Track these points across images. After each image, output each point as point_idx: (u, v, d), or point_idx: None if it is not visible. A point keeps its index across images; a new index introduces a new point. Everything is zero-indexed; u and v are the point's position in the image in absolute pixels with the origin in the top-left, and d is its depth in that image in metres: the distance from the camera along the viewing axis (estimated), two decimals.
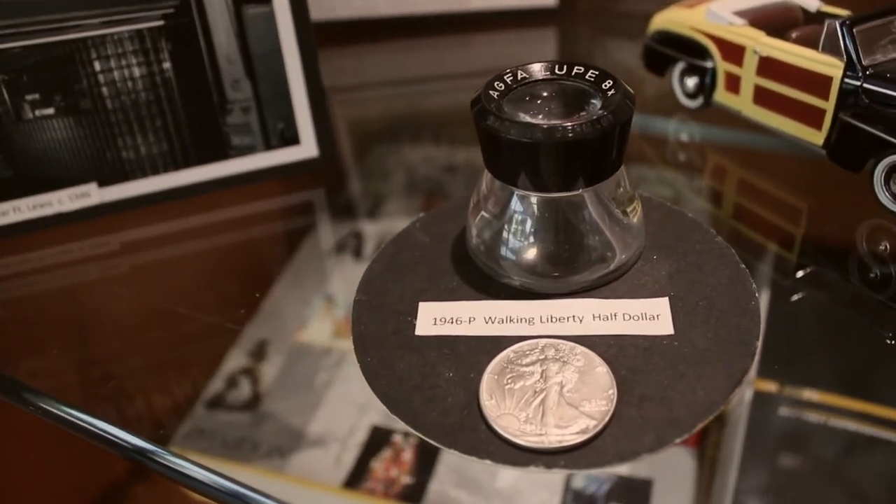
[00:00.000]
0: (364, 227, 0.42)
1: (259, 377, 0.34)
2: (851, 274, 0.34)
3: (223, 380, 0.34)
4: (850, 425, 0.28)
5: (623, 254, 0.29)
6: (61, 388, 0.34)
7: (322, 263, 0.41)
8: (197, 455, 0.32)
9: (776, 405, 0.28)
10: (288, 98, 0.38)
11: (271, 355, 0.35)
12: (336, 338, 0.36)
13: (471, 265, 0.30)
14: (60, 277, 0.38)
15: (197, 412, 0.33)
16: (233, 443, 0.32)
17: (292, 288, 0.39)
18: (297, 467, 0.31)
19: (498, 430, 0.24)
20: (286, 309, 0.38)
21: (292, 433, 0.32)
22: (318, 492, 0.31)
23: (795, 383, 0.29)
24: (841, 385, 0.29)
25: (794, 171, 0.40)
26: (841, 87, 0.34)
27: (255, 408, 0.33)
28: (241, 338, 0.36)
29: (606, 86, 0.27)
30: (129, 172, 0.37)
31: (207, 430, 0.33)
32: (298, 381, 0.34)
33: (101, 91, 0.36)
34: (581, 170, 0.26)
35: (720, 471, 0.27)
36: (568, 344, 0.27)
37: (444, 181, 0.46)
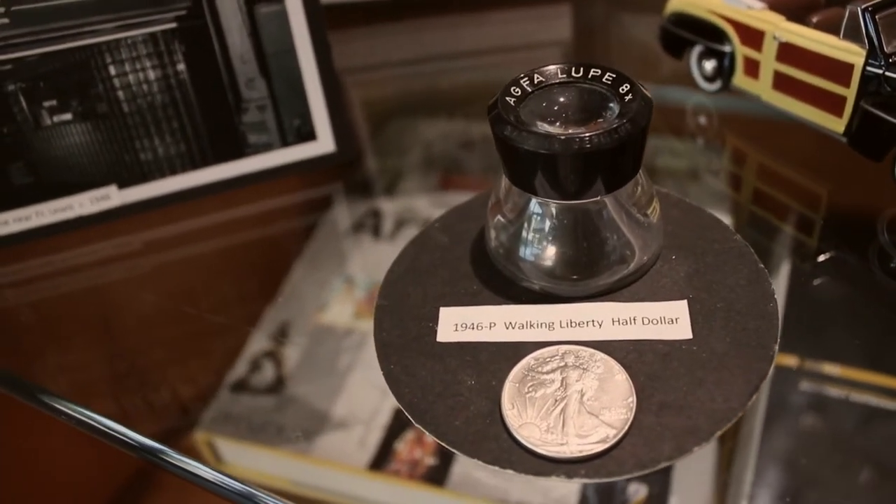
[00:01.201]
0: (382, 206, 0.43)
1: (282, 360, 0.35)
2: (871, 261, 0.34)
3: (247, 363, 0.35)
4: (869, 401, 0.28)
5: (642, 255, 0.29)
6: (88, 383, 0.35)
7: (341, 244, 0.41)
8: (224, 439, 0.33)
9: (795, 383, 0.29)
10: (303, 95, 0.38)
11: (293, 338, 0.36)
12: (357, 319, 0.36)
13: (490, 268, 0.31)
14: (85, 278, 0.39)
15: (222, 397, 0.34)
16: (259, 426, 0.33)
17: (312, 269, 0.39)
18: (323, 450, 0.32)
19: (520, 439, 0.25)
20: (307, 291, 0.38)
21: (317, 416, 0.33)
22: (345, 474, 0.31)
23: (813, 362, 0.30)
24: (858, 361, 0.30)
25: (815, 154, 0.40)
26: (863, 74, 0.33)
27: (279, 391, 0.34)
28: (264, 320, 0.37)
29: (624, 90, 0.27)
30: (147, 174, 0.38)
31: (233, 415, 0.33)
32: (321, 363, 0.35)
33: (117, 95, 0.36)
34: (599, 178, 0.26)
35: (740, 445, 0.28)
36: (588, 350, 0.27)
37: (460, 158, 0.46)
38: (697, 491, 0.28)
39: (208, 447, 0.33)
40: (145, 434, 0.33)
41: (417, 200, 0.43)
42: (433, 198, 0.43)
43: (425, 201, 0.43)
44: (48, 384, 0.35)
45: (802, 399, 0.29)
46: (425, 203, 0.42)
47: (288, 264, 0.39)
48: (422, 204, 0.42)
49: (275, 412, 0.33)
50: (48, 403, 0.32)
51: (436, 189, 0.44)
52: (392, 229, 0.41)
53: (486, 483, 0.28)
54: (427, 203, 0.42)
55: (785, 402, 0.29)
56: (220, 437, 0.33)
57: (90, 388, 0.35)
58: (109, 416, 0.34)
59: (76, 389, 0.35)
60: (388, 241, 0.40)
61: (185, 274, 0.40)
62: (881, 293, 0.33)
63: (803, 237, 0.36)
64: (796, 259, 0.35)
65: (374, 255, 0.40)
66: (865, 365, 0.30)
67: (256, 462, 0.32)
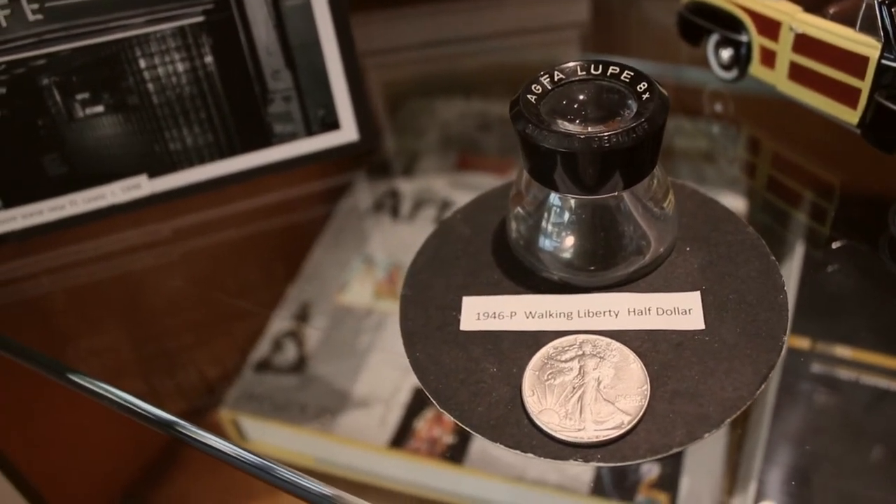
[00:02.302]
0: (401, 186, 0.43)
1: (304, 340, 0.36)
2: (881, 251, 0.35)
3: (269, 343, 0.36)
4: (878, 384, 0.29)
5: (658, 247, 0.30)
6: (120, 364, 0.37)
7: (360, 224, 0.42)
8: (248, 417, 0.34)
9: (805, 367, 0.30)
10: (327, 85, 0.39)
11: (315, 318, 0.37)
12: (377, 299, 0.37)
13: (511, 258, 0.32)
14: (117, 264, 0.40)
15: (246, 376, 0.35)
16: (282, 405, 0.34)
17: (332, 249, 0.40)
18: (344, 428, 0.33)
19: (540, 424, 0.26)
20: (327, 271, 0.39)
21: (338, 395, 0.34)
22: (366, 452, 0.33)
23: (823, 346, 0.31)
24: (866, 346, 0.31)
25: (830, 143, 0.40)
26: (878, 67, 0.34)
27: (301, 370, 0.35)
28: (286, 301, 0.38)
29: (641, 88, 0.28)
30: (176, 163, 0.39)
31: (257, 394, 0.35)
32: (342, 343, 0.36)
33: (147, 87, 0.37)
34: (617, 175, 0.27)
35: (751, 427, 0.29)
36: (604, 339, 0.28)
37: (478, 139, 0.46)
38: (709, 470, 0.29)
39: (233, 425, 0.34)
40: (173, 412, 0.35)
41: (436, 181, 0.43)
42: (451, 178, 0.44)
43: (443, 182, 0.43)
44: (81, 365, 0.37)
45: (812, 382, 0.30)
46: (443, 183, 0.43)
47: (310, 247, 0.40)
48: (440, 184, 0.43)
49: (297, 391, 0.34)
50: (78, 383, 0.33)
51: (454, 170, 0.44)
52: (411, 210, 0.42)
53: (504, 461, 0.30)
54: (445, 183, 0.43)
55: (795, 384, 0.30)
56: (245, 416, 0.34)
57: (122, 368, 0.36)
58: (139, 394, 0.36)
59: (108, 370, 0.36)
60: (406, 222, 0.41)
61: (212, 260, 0.41)
62: (890, 282, 0.34)
63: (815, 225, 0.37)
64: (807, 246, 0.35)
65: (394, 235, 0.41)
66: (872, 350, 0.31)
67: (280, 439, 0.34)
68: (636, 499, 0.30)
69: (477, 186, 0.42)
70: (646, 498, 0.30)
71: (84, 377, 0.33)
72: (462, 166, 0.45)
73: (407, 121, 0.49)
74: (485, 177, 0.44)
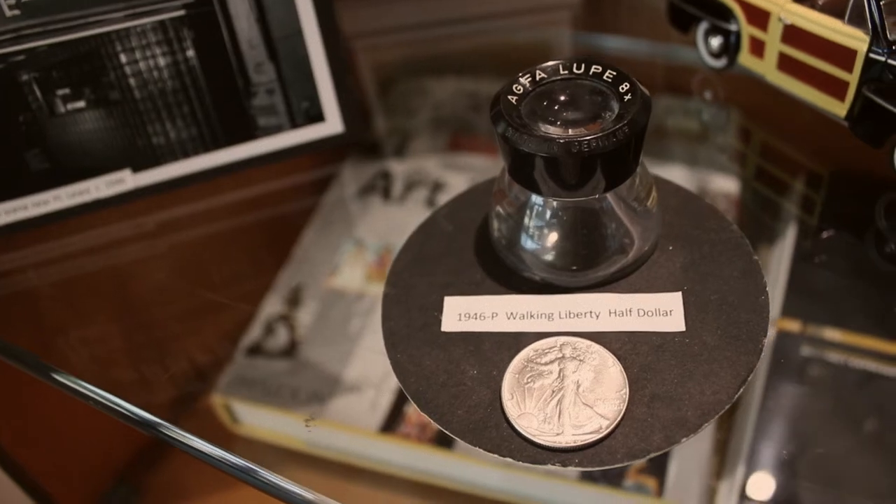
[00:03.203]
0: (392, 167, 0.43)
1: (295, 324, 0.36)
2: (868, 245, 0.35)
3: (261, 327, 0.36)
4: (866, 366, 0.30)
5: (640, 246, 0.30)
6: (109, 354, 0.37)
7: (351, 206, 0.42)
8: (240, 402, 0.34)
9: (794, 350, 0.30)
10: (311, 78, 0.39)
11: (306, 301, 0.37)
12: (368, 282, 0.38)
13: (494, 257, 0.32)
14: (105, 257, 0.40)
15: (238, 361, 0.35)
16: (273, 390, 0.34)
17: (323, 233, 0.40)
18: (335, 413, 0.33)
19: (518, 429, 0.26)
20: (318, 254, 0.39)
21: (329, 379, 0.34)
22: (357, 436, 0.33)
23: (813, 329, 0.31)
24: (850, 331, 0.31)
25: (818, 133, 0.40)
26: (865, 60, 0.33)
27: (292, 355, 0.35)
28: (277, 284, 0.38)
29: (623, 89, 0.28)
30: (160, 157, 0.39)
31: (249, 379, 0.35)
32: (333, 327, 0.36)
33: (129, 82, 0.36)
34: (599, 178, 0.27)
35: (740, 410, 0.29)
36: (584, 342, 0.28)
37: (469, 120, 0.46)
38: (697, 454, 0.30)
39: (226, 410, 0.35)
40: (166, 399, 0.35)
41: (427, 162, 0.43)
42: (443, 159, 0.43)
43: (435, 163, 0.43)
44: (71, 355, 0.37)
45: (800, 365, 0.30)
46: (435, 165, 0.43)
47: (299, 236, 0.40)
48: (432, 165, 0.43)
49: (288, 376, 0.34)
50: (61, 381, 0.33)
51: (446, 151, 0.44)
52: (402, 191, 0.42)
53: None
54: (437, 165, 0.43)
55: (784, 370, 0.30)
56: (237, 400, 0.34)
57: (112, 358, 0.37)
58: (130, 383, 0.36)
59: (98, 360, 0.37)
60: (397, 204, 0.41)
61: (200, 252, 0.41)
62: (876, 275, 0.34)
63: (803, 215, 0.37)
64: (792, 238, 0.35)
65: (384, 217, 0.41)
66: (858, 333, 0.31)
67: (272, 423, 0.34)
68: (624, 484, 0.31)
69: (469, 167, 0.43)
70: (634, 483, 0.30)
71: (67, 377, 0.33)
72: (454, 147, 0.44)
73: (398, 102, 0.48)
74: (477, 158, 0.43)
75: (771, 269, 0.34)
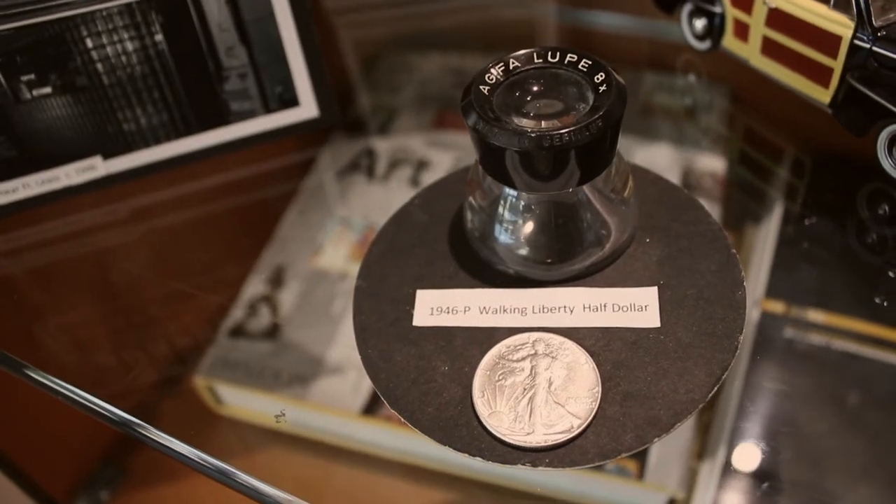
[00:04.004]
0: (376, 145, 0.42)
1: (278, 305, 0.36)
2: (849, 234, 0.34)
3: (244, 308, 0.36)
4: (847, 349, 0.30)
5: (616, 238, 0.30)
6: (89, 340, 0.36)
7: (335, 185, 0.41)
8: (223, 384, 0.34)
9: (777, 331, 0.30)
10: (284, 61, 0.38)
11: (289, 282, 0.37)
12: (351, 262, 0.37)
13: (467, 249, 0.31)
14: (80, 244, 0.40)
15: (220, 342, 0.35)
16: (256, 371, 0.34)
17: (306, 212, 0.40)
18: (318, 395, 0.33)
19: (489, 427, 0.26)
20: (301, 234, 0.38)
21: (312, 361, 0.34)
22: (339, 418, 0.33)
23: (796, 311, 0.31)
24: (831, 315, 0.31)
25: (801, 117, 0.40)
26: (850, 47, 0.33)
27: (275, 337, 0.35)
28: (259, 264, 0.37)
29: (599, 79, 0.27)
30: (131, 144, 0.38)
31: (231, 361, 0.34)
32: (316, 308, 0.35)
33: (96, 67, 0.35)
34: (572, 171, 0.26)
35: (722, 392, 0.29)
36: (557, 338, 0.28)
37: (456, 97, 0.45)
38: (678, 436, 0.29)
39: (209, 392, 0.34)
40: (148, 382, 0.35)
41: (412, 140, 0.43)
42: (428, 137, 0.43)
43: (420, 140, 0.43)
44: (48, 343, 0.37)
45: (783, 346, 0.30)
46: (420, 142, 0.42)
47: (282, 216, 0.39)
48: (416, 143, 0.42)
49: (271, 357, 0.34)
50: (32, 377, 0.33)
51: (430, 128, 0.43)
52: (386, 170, 0.41)
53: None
54: (422, 143, 0.42)
55: (767, 347, 0.30)
56: (220, 383, 0.34)
57: (91, 343, 0.36)
58: (111, 367, 0.35)
59: (77, 347, 0.36)
60: (381, 183, 0.41)
61: (182, 236, 0.40)
62: (855, 264, 0.33)
63: (787, 199, 0.36)
64: (777, 221, 0.35)
65: (368, 196, 0.40)
66: (840, 314, 0.31)
67: (256, 404, 0.34)
68: (605, 467, 0.30)
69: (454, 146, 0.42)
70: (615, 466, 0.30)
71: (38, 372, 0.32)
72: (439, 125, 0.44)
73: (382, 78, 0.47)
74: (462, 135, 0.43)
75: (756, 249, 0.33)
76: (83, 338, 0.37)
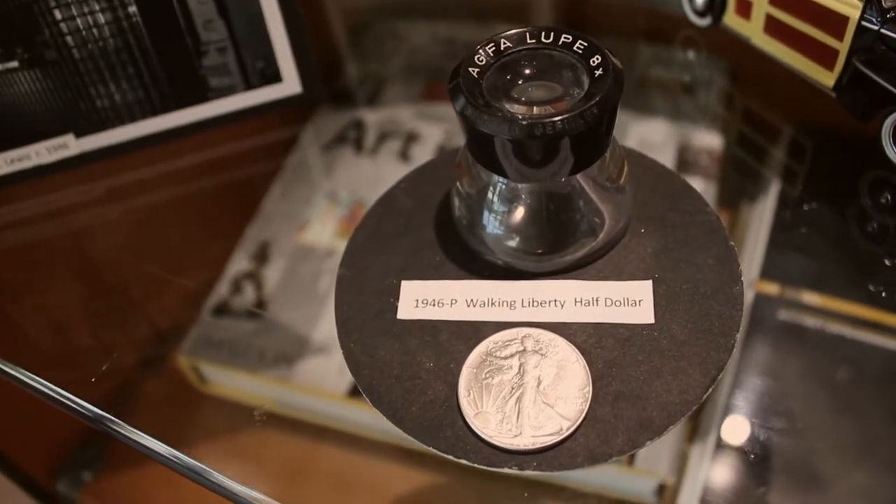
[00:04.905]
0: (365, 116, 0.41)
1: (262, 282, 0.35)
2: (850, 222, 0.33)
3: (228, 284, 0.35)
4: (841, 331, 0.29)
5: (610, 229, 0.28)
6: (67, 320, 0.35)
7: (322, 157, 0.40)
8: (207, 364, 0.33)
9: (771, 315, 0.30)
10: (266, 35, 0.36)
11: (274, 258, 0.36)
12: (338, 238, 0.36)
13: (455, 237, 0.30)
14: (59, 223, 0.38)
15: (204, 320, 0.34)
16: (241, 351, 0.33)
17: (293, 185, 0.39)
18: (303, 375, 0.32)
19: (475, 429, 0.25)
20: (288, 207, 0.37)
21: (297, 341, 0.33)
22: (324, 400, 0.32)
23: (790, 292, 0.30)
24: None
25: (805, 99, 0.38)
26: (857, 28, 0.31)
27: (260, 316, 0.34)
28: (244, 240, 0.36)
29: (594, 62, 0.25)
30: (105, 121, 0.36)
31: (215, 340, 0.34)
32: (302, 285, 0.35)
33: (66, 40, 0.34)
34: (565, 161, 0.25)
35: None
36: (547, 334, 0.27)
37: (446, 67, 0.43)
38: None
39: (193, 371, 0.33)
40: (130, 362, 0.34)
41: (401, 111, 0.42)
42: (417, 108, 0.42)
43: (409, 112, 0.41)
44: (25, 326, 0.35)
45: (776, 328, 0.30)
46: (409, 114, 0.41)
47: (263, 195, 0.38)
48: (406, 115, 0.41)
49: (256, 336, 0.33)
50: None
51: (420, 99, 0.42)
52: (374, 143, 0.40)
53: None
54: (411, 114, 0.41)
55: (760, 329, 0.29)
56: (204, 362, 0.33)
57: (70, 323, 0.35)
58: (90, 349, 0.34)
59: (56, 328, 0.35)
60: (370, 156, 0.40)
61: (166, 214, 0.38)
62: (852, 249, 0.32)
63: (785, 180, 0.35)
64: (773, 202, 0.34)
65: (357, 169, 0.39)
66: (835, 296, 0.31)
67: (240, 384, 0.33)
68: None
69: (444, 117, 0.41)
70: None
71: (9, 364, 0.31)
72: (428, 96, 0.43)
73: (371, 47, 0.46)
74: (452, 108, 0.41)
75: (751, 229, 0.32)
76: (62, 319, 0.35)
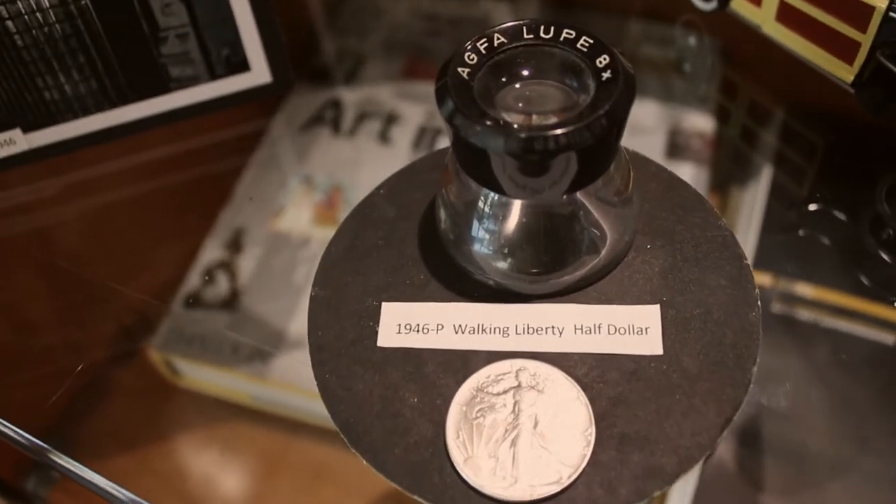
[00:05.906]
0: (343, 95, 0.39)
1: (236, 272, 0.33)
2: (864, 227, 0.31)
3: (200, 275, 0.33)
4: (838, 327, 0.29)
5: (614, 244, 0.26)
6: (34, 317, 0.34)
7: (298, 139, 0.38)
8: (179, 359, 0.31)
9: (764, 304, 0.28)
10: (231, 20, 0.33)
11: (248, 247, 0.34)
12: (315, 225, 0.34)
13: (441, 252, 0.27)
14: (18, 221, 0.36)
15: (175, 312, 0.32)
16: (214, 346, 0.31)
17: (267, 168, 0.37)
18: (278, 371, 0.31)
19: (464, 476, 0.22)
20: (262, 192, 0.36)
21: (272, 334, 0.31)
22: (300, 397, 0.30)
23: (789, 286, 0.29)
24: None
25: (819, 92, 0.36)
26: (884, 20, 0.29)
27: (233, 308, 0.32)
28: (217, 227, 0.34)
29: (602, 63, 0.22)
30: (56, 114, 0.33)
31: (187, 333, 0.32)
32: (277, 276, 0.33)
33: (5, 26, 0.30)
34: (566, 178, 0.22)
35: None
36: (545, 367, 0.24)
37: (428, 44, 0.42)
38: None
39: (165, 365, 0.32)
40: (101, 357, 0.32)
41: (381, 90, 0.40)
42: (398, 87, 0.40)
43: (389, 91, 0.40)
44: None
45: (770, 317, 0.28)
46: (389, 93, 0.40)
47: (236, 178, 0.36)
48: (385, 94, 0.40)
49: (229, 329, 0.32)
50: None
51: (400, 77, 0.41)
52: (353, 123, 0.38)
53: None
54: (391, 93, 0.40)
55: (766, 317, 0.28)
56: (176, 357, 0.31)
57: (36, 322, 0.34)
58: (55, 346, 0.33)
59: (22, 325, 0.33)
60: (348, 137, 0.38)
61: (141, 206, 0.36)
62: (868, 257, 0.30)
63: (777, 171, 0.34)
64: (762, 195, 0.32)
65: (334, 151, 0.37)
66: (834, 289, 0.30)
67: (214, 378, 0.31)
68: None
69: (426, 97, 0.39)
70: None
71: None
72: (410, 74, 0.41)
73: (349, 22, 0.44)
74: (434, 86, 0.39)
75: (743, 213, 0.31)
76: (28, 316, 0.34)
